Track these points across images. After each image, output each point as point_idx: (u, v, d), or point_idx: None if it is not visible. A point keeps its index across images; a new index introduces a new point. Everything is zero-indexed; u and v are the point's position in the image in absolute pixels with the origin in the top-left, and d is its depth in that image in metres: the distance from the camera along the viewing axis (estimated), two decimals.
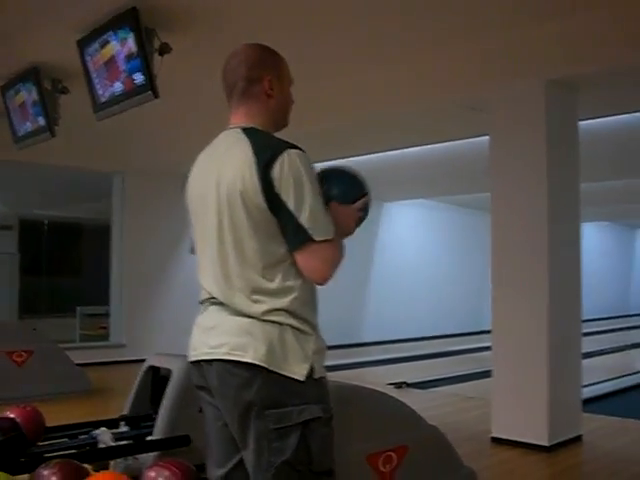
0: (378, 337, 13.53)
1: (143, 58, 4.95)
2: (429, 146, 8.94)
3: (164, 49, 5.08)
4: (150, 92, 5.03)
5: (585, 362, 10.91)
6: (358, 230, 2.21)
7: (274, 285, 2.02)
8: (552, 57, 5.25)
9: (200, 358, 2.10)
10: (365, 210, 2.22)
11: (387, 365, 10.64)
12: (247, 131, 2.10)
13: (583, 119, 6.09)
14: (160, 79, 5.02)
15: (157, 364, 4.00)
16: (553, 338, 5.22)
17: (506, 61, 5.48)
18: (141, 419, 3.91)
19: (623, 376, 9.71)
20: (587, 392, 7.81)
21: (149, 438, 3.63)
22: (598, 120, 7.55)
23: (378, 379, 8.63)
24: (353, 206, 2.18)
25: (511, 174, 5.50)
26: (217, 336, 2.05)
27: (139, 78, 5.03)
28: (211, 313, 2.10)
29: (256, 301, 2.01)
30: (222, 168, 2.07)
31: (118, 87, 5.26)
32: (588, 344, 13.00)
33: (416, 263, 15.05)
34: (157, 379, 3.98)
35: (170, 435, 3.56)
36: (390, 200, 14.46)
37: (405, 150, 9.23)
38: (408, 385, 8.03)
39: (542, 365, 5.20)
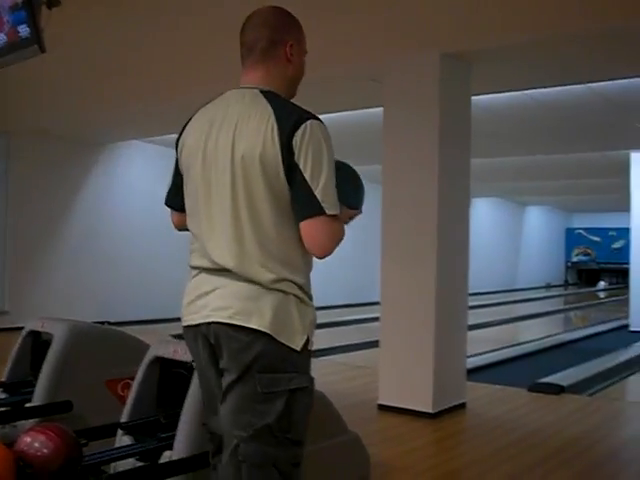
0: None
1: (29, 10, 4.71)
2: (324, 115, 8.94)
3: (53, 2, 4.85)
4: (36, 46, 4.80)
5: (473, 333, 11.24)
6: None
7: (284, 255, 2.03)
8: (447, 30, 5.29)
9: (201, 321, 2.09)
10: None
11: None
12: (267, 95, 2.06)
13: (477, 94, 6.19)
14: (48, 33, 4.80)
15: (38, 329, 3.86)
16: (440, 310, 5.32)
17: (401, 33, 5.49)
18: (20, 385, 3.76)
19: (508, 347, 10.05)
20: (473, 362, 8.06)
21: (28, 405, 3.52)
22: (491, 96, 7.72)
23: None
24: (350, 212, 2.21)
25: (403, 146, 5.53)
26: (220, 299, 2.04)
27: (24, 31, 4.77)
28: (211, 277, 2.08)
29: (266, 269, 2.00)
30: (239, 130, 2.02)
31: (1, 39, 5.00)
32: (477, 317, 13.47)
33: None
34: (38, 344, 3.85)
35: (50, 401, 3.45)
36: None
37: None
38: None
39: (428, 335, 5.30)
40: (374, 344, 6.25)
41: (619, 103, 8.28)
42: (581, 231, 27.64)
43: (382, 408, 5.47)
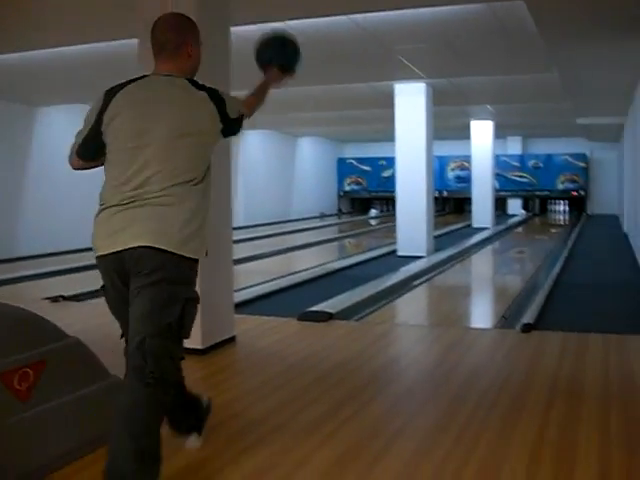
0: (36, 250, 12.88)
1: None
2: (89, 45, 8.52)
3: None
4: None
5: (246, 266, 11.39)
6: (9, 133, 2.03)
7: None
8: None
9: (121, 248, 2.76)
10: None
11: (46, 279, 10.15)
12: (190, 82, 2.97)
13: (237, 24, 6.07)
14: None
15: None
16: None
17: None
18: None
19: (280, 277, 10.20)
20: (244, 294, 8.12)
21: None
22: (253, 27, 7.61)
23: (35, 294, 8.24)
24: (285, 74, 3.56)
25: None
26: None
27: None
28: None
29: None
30: (169, 105, 2.89)
31: None
32: (251, 249, 13.59)
33: (73, 172, 14.44)
34: None
35: None
36: (42, 104, 13.66)
37: (60, 49, 8.69)
38: (65, 298, 7.72)
39: None
40: None
41: (380, 35, 8.49)
42: (352, 161, 28.54)
43: None
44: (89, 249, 2.96)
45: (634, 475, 3.11)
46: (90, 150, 3.00)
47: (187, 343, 5.12)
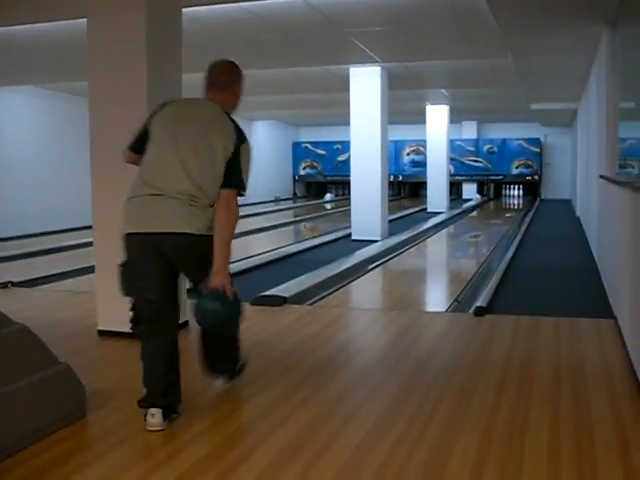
0: None
1: None
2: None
3: None
4: None
5: None
6: None
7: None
8: None
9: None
10: None
11: None
12: (227, 114, 3.73)
13: (188, 6, 5.98)
14: None
15: None
16: None
17: None
18: None
19: (235, 262, 10.09)
20: None
21: None
22: (207, 8, 7.55)
23: None
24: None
25: (109, 61, 5.21)
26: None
27: None
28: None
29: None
30: (207, 125, 3.64)
31: None
32: None
33: (21, 156, 14.23)
34: None
35: None
36: None
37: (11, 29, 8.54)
38: (14, 284, 7.58)
39: None
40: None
41: (334, 18, 8.45)
42: (308, 145, 28.46)
43: (103, 334, 5.30)
44: (39, 234, 2.89)
45: (583, 454, 3.15)
46: (139, 145, 3.70)
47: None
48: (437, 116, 19.99)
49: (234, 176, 3.56)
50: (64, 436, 3.37)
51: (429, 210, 19.70)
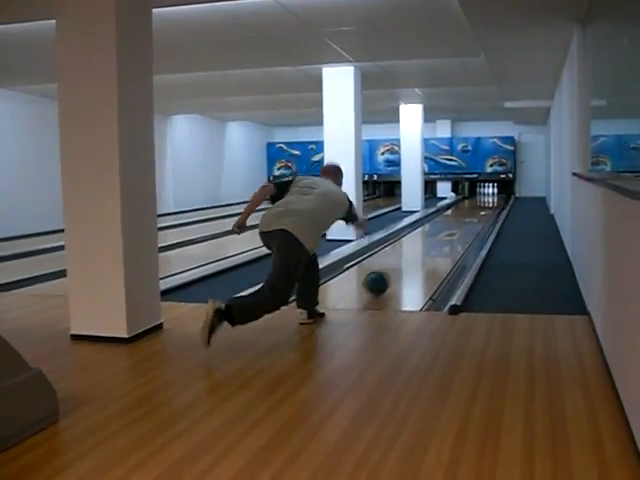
0: None
1: None
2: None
3: None
4: None
5: (176, 252, 11.25)
6: None
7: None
8: None
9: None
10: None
11: None
12: (339, 187, 5.99)
13: (159, 6, 5.94)
14: None
15: None
16: (127, 233, 5.12)
17: None
18: None
19: (211, 262, 10.10)
20: (172, 281, 8.03)
21: None
22: (179, 8, 7.51)
23: None
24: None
25: (78, 61, 5.13)
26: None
27: None
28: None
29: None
30: (329, 191, 5.73)
31: None
32: (180, 235, 13.44)
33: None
34: None
35: None
36: None
37: None
38: None
39: (117, 260, 5.10)
40: None
41: (307, 17, 8.44)
42: (282, 145, 28.42)
43: (76, 338, 5.24)
44: (11, 238, 2.85)
45: (557, 450, 3.16)
46: (279, 193, 5.72)
47: (112, 331, 5.10)
48: (411, 115, 20.05)
49: (352, 217, 6.10)
50: (38, 442, 3.33)
51: (404, 209, 19.74)
